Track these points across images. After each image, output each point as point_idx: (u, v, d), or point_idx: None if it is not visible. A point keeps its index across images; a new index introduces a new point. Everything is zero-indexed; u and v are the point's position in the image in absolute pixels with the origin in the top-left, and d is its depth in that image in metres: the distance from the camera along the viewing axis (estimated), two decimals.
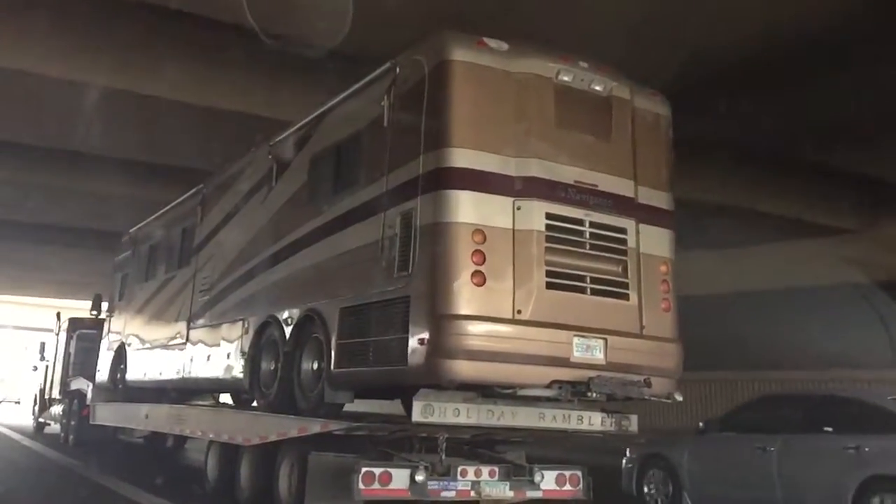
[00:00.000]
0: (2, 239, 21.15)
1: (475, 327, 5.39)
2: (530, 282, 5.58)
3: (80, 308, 18.20)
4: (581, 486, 6.59)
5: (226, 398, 11.16)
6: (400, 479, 5.85)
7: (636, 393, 5.91)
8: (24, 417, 22.52)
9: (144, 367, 11.16)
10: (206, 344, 9.11)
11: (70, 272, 26.13)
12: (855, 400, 8.66)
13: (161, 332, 10.63)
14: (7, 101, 12.35)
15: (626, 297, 6.01)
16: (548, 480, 6.41)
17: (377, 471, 5.80)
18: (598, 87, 6.22)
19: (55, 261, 24.23)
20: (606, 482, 7.90)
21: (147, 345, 11.24)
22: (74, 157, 14.43)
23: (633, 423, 6.59)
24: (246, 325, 8.03)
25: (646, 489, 9.39)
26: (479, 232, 5.50)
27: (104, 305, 14.33)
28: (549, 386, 5.64)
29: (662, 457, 9.26)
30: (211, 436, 8.49)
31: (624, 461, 9.65)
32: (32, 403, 20.91)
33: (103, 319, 14.05)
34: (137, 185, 15.58)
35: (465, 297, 5.40)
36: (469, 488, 6.07)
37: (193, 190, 10.43)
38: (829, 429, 7.97)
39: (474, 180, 5.59)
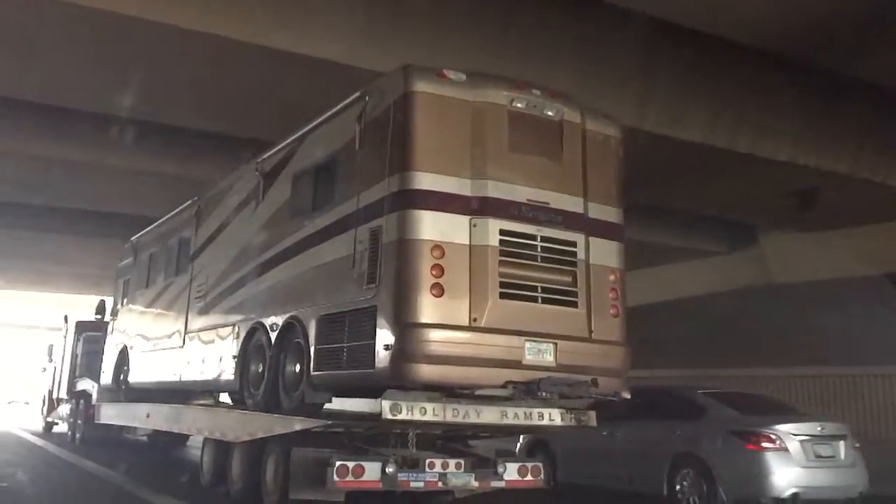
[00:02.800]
0: (17, 227, 19.32)
1: (435, 334, 5.95)
2: (485, 292, 6.13)
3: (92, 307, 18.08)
4: (542, 476, 7.19)
5: (225, 398, 11.72)
6: (372, 471, 6.44)
7: (584, 392, 6.45)
8: (34, 418, 23.14)
9: (146, 368, 11.72)
10: (201, 347, 9.66)
11: (89, 264, 23.67)
12: (676, 393, 10.34)
13: (160, 335, 11.18)
14: (21, 50, 9.95)
15: (574, 304, 6.55)
16: (510, 472, 6.98)
17: (350, 464, 6.38)
18: (550, 113, 6.77)
19: (74, 251, 22.10)
20: None
21: (148, 347, 11.78)
22: (107, 123, 11.96)
23: (591, 418, 7.17)
24: (236, 331, 8.58)
25: None
26: (439, 247, 6.06)
27: (108, 307, 14.88)
28: (503, 386, 6.18)
29: (544, 442, 10.64)
30: (206, 433, 9.07)
31: (517, 447, 10.86)
32: (41, 404, 21.54)
33: (107, 322, 14.66)
34: (181, 159, 13.60)
35: (426, 307, 5.96)
36: (437, 479, 6.64)
37: (189, 202, 11.00)
38: (661, 417, 9.60)
39: (434, 201, 6.15)
